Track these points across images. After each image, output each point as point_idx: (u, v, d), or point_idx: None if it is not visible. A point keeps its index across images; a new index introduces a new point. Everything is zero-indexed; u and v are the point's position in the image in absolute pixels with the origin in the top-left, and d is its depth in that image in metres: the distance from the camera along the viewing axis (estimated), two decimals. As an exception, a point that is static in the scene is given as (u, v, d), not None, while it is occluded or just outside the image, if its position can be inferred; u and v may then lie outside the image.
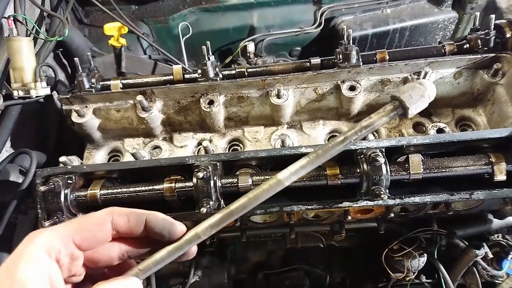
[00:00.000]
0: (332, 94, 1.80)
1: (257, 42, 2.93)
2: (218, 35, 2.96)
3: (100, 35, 2.70)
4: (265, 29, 2.94)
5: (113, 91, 1.83)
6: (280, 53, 3.11)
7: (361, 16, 2.88)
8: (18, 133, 1.86)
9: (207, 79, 1.82)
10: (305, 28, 2.90)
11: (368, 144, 1.49)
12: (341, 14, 2.89)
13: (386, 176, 1.44)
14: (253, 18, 2.93)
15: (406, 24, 2.88)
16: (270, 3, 2.90)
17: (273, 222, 1.82)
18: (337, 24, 2.86)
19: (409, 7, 2.96)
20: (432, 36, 3.02)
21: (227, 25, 2.94)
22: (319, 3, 2.90)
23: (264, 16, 2.93)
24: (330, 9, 2.88)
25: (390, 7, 2.92)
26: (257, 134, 1.93)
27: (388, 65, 1.72)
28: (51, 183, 1.49)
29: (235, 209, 0.87)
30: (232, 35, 2.98)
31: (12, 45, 1.71)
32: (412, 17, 2.90)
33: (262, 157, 1.55)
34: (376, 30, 2.83)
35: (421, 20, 2.91)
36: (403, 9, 2.94)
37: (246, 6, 2.90)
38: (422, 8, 2.96)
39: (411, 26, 2.90)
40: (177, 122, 1.93)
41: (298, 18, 2.94)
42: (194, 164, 1.55)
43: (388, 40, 2.92)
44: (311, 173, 1.50)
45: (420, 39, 3.01)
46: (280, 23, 2.94)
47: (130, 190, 1.56)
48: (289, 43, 3.02)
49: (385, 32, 2.86)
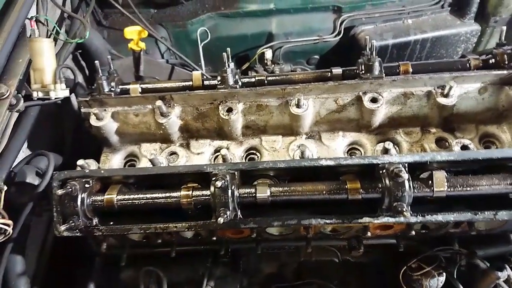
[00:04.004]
0: (353, 106, 1.77)
1: (275, 49, 2.90)
2: (236, 41, 2.94)
3: (118, 38, 2.70)
4: (284, 36, 2.92)
5: (132, 95, 1.82)
6: (298, 61, 3.08)
7: (382, 26, 2.84)
8: (35, 134, 1.86)
9: (226, 86, 1.80)
10: (324, 36, 2.87)
11: (390, 158, 1.45)
12: (361, 23, 2.85)
13: (409, 193, 1.40)
14: (272, 25, 2.92)
15: (427, 36, 2.84)
16: (289, 10, 2.88)
17: (289, 235, 1.79)
18: (357, 33, 2.83)
19: (430, 18, 2.91)
20: (453, 49, 2.97)
21: (245, 31, 2.92)
22: (339, 11, 2.86)
23: (283, 23, 2.91)
24: (350, 18, 2.85)
25: (412, 18, 2.88)
26: (275, 144, 1.90)
27: (412, 78, 1.68)
28: (68, 187, 1.48)
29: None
30: (250, 42, 2.96)
31: (34, 46, 1.72)
32: (434, 29, 2.85)
33: (281, 168, 1.52)
34: (397, 40, 2.79)
35: (442, 32, 2.86)
36: (425, 20, 2.90)
37: (265, 12, 2.88)
38: (444, 19, 2.91)
39: (432, 38, 2.85)
40: (194, 129, 1.91)
41: (317, 26, 2.91)
42: (212, 172, 1.53)
43: (408, 51, 2.87)
44: (331, 186, 1.47)
45: (441, 51, 2.96)
46: (298, 30, 2.92)
47: (146, 196, 1.55)
48: (307, 51, 2.99)
49: (406, 43, 2.82)
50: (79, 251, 1.97)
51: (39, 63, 1.72)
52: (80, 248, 1.90)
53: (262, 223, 1.52)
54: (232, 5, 2.88)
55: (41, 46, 1.72)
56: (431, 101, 1.73)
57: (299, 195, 1.48)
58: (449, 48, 2.97)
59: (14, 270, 1.67)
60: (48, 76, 1.74)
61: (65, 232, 1.53)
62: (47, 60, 1.74)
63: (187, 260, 2.03)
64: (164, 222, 1.56)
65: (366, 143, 1.82)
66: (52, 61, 1.77)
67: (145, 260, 1.95)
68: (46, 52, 1.74)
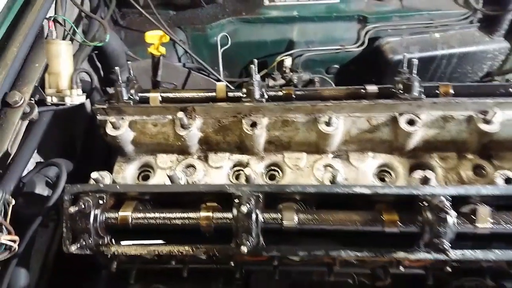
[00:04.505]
0: (387, 126, 1.66)
1: (295, 57, 2.80)
2: (255, 47, 2.84)
3: (135, 39, 2.60)
4: (305, 45, 2.81)
5: (152, 105, 1.71)
6: (317, 70, 2.97)
7: (408, 39, 2.72)
8: (46, 140, 1.75)
9: (252, 99, 1.70)
10: (346, 46, 2.76)
11: (433, 190, 1.34)
12: (387, 34, 2.73)
13: (452, 229, 1.29)
14: (293, 32, 2.81)
15: (454, 51, 2.72)
16: (313, 18, 2.77)
17: (310, 260, 1.68)
18: (382, 44, 2.71)
19: (458, 33, 2.79)
20: (479, 65, 2.86)
21: (265, 38, 2.82)
22: (364, 21, 2.75)
23: (305, 31, 2.80)
24: (376, 29, 2.74)
25: (439, 32, 2.76)
26: (299, 161, 1.79)
27: (454, 102, 1.57)
28: (81, 203, 1.37)
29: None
30: (269, 48, 2.85)
31: (51, 49, 1.61)
32: (462, 44, 2.73)
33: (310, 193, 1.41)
34: (423, 54, 2.67)
35: (470, 48, 2.74)
36: (453, 35, 2.78)
37: (288, 19, 2.78)
38: (472, 35, 2.80)
39: (459, 54, 2.73)
40: (214, 142, 1.81)
41: (340, 36, 2.80)
42: (235, 194, 1.42)
43: (434, 66, 2.76)
44: (366, 217, 1.36)
45: (467, 67, 2.85)
46: (320, 39, 2.81)
47: (164, 216, 1.44)
48: (327, 60, 2.88)
49: (432, 57, 2.70)
50: (84, 263, 1.87)
51: (55, 67, 1.61)
52: (85, 259, 1.80)
53: (287, 252, 1.42)
54: (254, 10, 2.78)
55: (58, 48, 1.61)
56: (472, 126, 1.61)
57: (330, 225, 1.38)
58: (475, 64, 2.85)
59: (18, 285, 1.58)
60: (64, 81, 1.63)
61: (74, 250, 1.42)
62: (63, 64, 1.63)
63: (198, 278, 1.92)
64: (180, 243, 1.46)
65: (398, 166, 1.71)
66: (69, 64, 1.66)
67: (155, 276, 1.85)
68: (63, 54, 1.63)
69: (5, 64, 1.36)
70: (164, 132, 1.76)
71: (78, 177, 1.86)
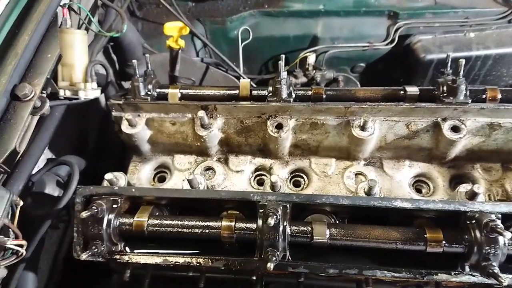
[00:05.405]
0: (427, 133, 1.51)
1: (319, 53, 2.65)
2: (276, 42, 2.70)
3: (152, 31, 2.49)
4: (330, 41, 2.66)
5: (171, 102, 1.59)
6: (341, 68, 2.82)
7: (441, 37, 2.56)
8: (57, 136, 1.64)
9: (279, 99, 1.56)
10: (374, 43, 2.61)
11: (481, 206, 1.20)
12: (419, 32, 2.57)
13: (503, 250, 1.15)
14: (318, 27, 2.66)
15: (490, 52, 2.54)
16: (339, 13, 2.62)
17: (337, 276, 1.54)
18: (413, 42, 2.55)
19: (495, 33, 2.61)
20: (515, 68, 2.68)
21: (288, 33, 2.68)
22: (395, 17, 2.59)
23: (330, 26, 2.65)
24: (407, 26, 2.57)
25: (474, 31, 2.59)
26: (327, 168, 1.66)
27: (503, 108, 1.42)
28: (94, 207, 1.26)
29: None
30: (291, 44, 2.71)
31: (65, 38, 1.49)
32: (498, 45, 2.56)
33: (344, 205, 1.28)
34: (457, 54, 2.50)
35: (508, 50, 2.56)
36: (489, 34, 2.60)
37: (312, 13, 2.63)
38: (510, 36, 2.61)
39: (495, 55, 2.55)
40: (235, 143, 1.68)
41: (368, 32, 2.64)
42: (260, 203, 1.29)
43: (467, 67, 2.58)
44: (407, 234, 1.22)
45: (503, 69, 2.67)
46: (347, 35, 2.65)
47: (182, 224, 1.32)
48: (353, 58, 2.73)
49: (466, 58, 2.50)
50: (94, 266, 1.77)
51: (69, 58, 1.50)
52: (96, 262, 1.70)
53: (315, 269, 1.29)
54: (277, 3, 2.64)
55: (73, 38, 1.50)
56: (521, 135, 1.46)
57: (365, 242, 1.24)
58: (511, 67, 2.67)
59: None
60: (78, 73, 1.52)
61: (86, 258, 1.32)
62: (78, 54, 1.52)
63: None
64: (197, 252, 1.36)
65: (437, 177, 1.56)
66: (83, 56, 1.55)
67: (169, 284, 1.75)
68: (78, 45, 1.52)
69: (15, 54, 1.24)
70: (182, 132, 1.64)
71: (90, 175, 1.76)
